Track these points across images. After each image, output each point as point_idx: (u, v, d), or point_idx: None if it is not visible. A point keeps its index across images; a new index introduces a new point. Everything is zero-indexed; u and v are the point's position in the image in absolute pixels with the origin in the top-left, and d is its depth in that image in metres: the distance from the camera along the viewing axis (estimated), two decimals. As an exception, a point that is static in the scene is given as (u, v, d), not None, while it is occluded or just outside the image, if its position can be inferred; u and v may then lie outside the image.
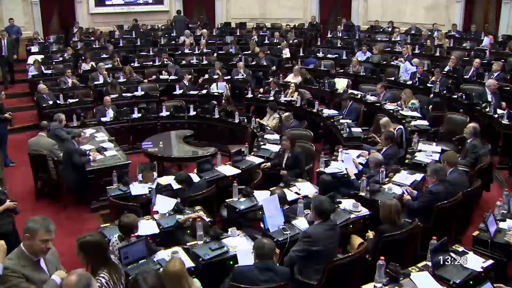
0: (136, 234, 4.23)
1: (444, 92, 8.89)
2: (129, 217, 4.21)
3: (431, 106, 8.63)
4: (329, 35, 14.57)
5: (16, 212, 4.91)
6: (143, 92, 9.85)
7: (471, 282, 3.67)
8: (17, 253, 3.13)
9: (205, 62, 12.00)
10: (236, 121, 8.25)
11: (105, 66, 10.93)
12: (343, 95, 8.83)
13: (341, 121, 7.80)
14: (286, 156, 6.18)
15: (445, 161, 5.40)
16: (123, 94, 9.75)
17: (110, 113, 8.58)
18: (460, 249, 4.02)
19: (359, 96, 8.97)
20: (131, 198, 5.54)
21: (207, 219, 4.75)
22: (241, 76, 10.68)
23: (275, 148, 6.80)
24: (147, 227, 4.63)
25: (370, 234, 4.53)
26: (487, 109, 7.72)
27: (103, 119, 8.47)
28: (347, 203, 5.04)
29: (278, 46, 12.99)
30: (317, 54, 12.49)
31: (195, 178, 5.76)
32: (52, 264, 3.26)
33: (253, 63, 11.96)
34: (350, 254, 3.99)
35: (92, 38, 13.91)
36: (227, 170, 6.12)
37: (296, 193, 5.42)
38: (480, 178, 5.47)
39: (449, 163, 5.35)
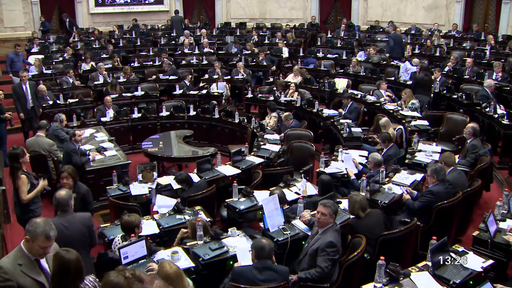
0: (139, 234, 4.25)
1: (444, 92, 8.90)
2: (131, 216, 4.23)
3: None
4: (329, 35, 14.58)
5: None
6: (143, 92, 9.85)
7: (471, 282, 3.68)
8: (16, 251, 3.14)
9: (205, 62, 12.00)
10: (236, 121, 8.25)
11: (105, 66, 10.93)
12: (343, 94, 8.83)
13: (341, 121, 7.80)
14: None
15: (443, 162, 5.41)
16: (123, 94, 9.76)
17: (110, 113, 8.58)
18: (460, 249, 4.03)
19: (359, 96, 8.97)
20: (131, 198, 5.54)
21: (207, 219, 4.75)
22: (241, 76, 10.69)
23: (275, 148, 6.80)
24: (147, 227, 4.63)
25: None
26: (487, 109, 7.72)
27: (103, 119, 8.47)
28: (347, 203, 5.03)
29: (277, 46, 12.99)
30: (317, 54, 12.49)
31: (195, 178, 5.76)
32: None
33: (253, 63, 11.96)
34: (359, 251, 3.98)
35: (92, 38, 13.91)
36: (227, 170, 6.12)
37: (296, 193, 5.42)
38: (480, 178, 5.48)
39: (446, 164, 5.37)
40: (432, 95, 9.09)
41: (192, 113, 8.78)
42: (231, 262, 4.07)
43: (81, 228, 4.06)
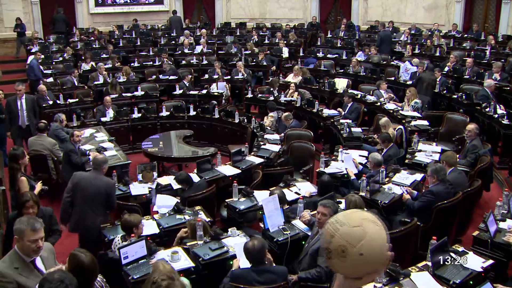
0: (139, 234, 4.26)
1: (444, 92, 8.90)
2: (131, 216, 4.24)
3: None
4: (329, 35, 14.59)
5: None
6: (143, 92, 9.85)
7: (471, 282, 3.68)
8: (11, 255, 3.12)
9: (205, 62, 12.00)
10: (236, 121, 8.25)
11: (105, 66, 10.93)
12: (344, 93, 8.82)
13: (341, 121, 7.80)
14: None
15: (444, 161, 5.42)
16: (123, 94, 9.76)
17: (110, 113, 8.58)
18: (460, 249, 4.03)
19: (359, 96, 8.97)
20: (131, 198, 5.54)
21: (207, 219, 4.75)
22: (241, 76, 10.69)
23: (275, 148, 6.80)
24: (147, 227, 4.63)
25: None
26: (487, 109, 7.72)
27: (103, 119, 8.47)
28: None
29: (278, 46, 13.00)
30: (317, 54, 12.50)
31: (195, 178, 5.76)
32: (49, 261, 3.25)
33: (253, 63, 11.96)
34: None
35: (92, 38, 13.92)
36: (227, 170, 6.12)
37: (296, 193, 5.42)
38: (480, 178, 5.48)
39: (448, 163, 5.37)
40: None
41: (192, 113, 8.77)
42: (231, 262, 4.07)
43: (100, 189, 4.93)
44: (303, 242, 4.40)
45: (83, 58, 11.76)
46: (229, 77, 10.75)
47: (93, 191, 4.92)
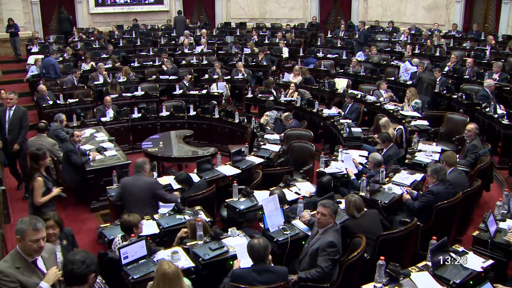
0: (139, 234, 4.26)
1: (444, 92, 8.91)
2: (130, 216, 4.25)
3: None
4: (329, 35, 14.60)
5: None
6: (143, 92, 9.85)
7: (471, 282, 3.67)
8: (12, 255, 3.10)
9: (205, 62, 12.01)
10: (236, 121, 8.25)
11: (105, 66, 10.93)
12: (345, 94, 8.83)
13: (341, 121, 7.80)
14: None
15: (444, 161, 5.42)
16: (123, 94, 9.76)
17: (110, 113, 8.58)
18: (460, 249, 4.03)
19: (359, 96, 8.97)
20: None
21: (207, 219, 4.75)
22: (241, 76, 10.69)
23: (275, 148, 6.80)
24: (147, 227, 4.63)
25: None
26: (487, 109, 7.72)
27: (103, 119, 8.47)
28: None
29: (278, 46, 13.01)
30: (317, 54, 12.50)
31: (195, 178, 5.77)
32: (50, 261, 3.24)
33: (253, 63, 11.96)
34: (359, 251, 3.98)
35: (92, 38, 13.92)
36: (227, 170, 6.12)
37: (296, 193, 5.42)
38: (480, 178, 5.47)
39: (447, 163, 5.36)
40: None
41: (192, 113, 8.78)
42: (231, 262, 4.07)
43: (143, 187, 5.14)
44: (303, 242, 4.40)
45: (83, 58, 11.76)
46: (229, 77, 10.75)
47: (137, 192, 5.12)
